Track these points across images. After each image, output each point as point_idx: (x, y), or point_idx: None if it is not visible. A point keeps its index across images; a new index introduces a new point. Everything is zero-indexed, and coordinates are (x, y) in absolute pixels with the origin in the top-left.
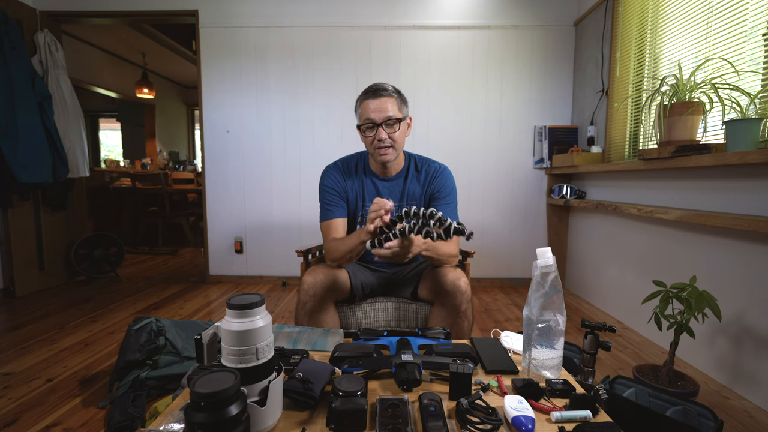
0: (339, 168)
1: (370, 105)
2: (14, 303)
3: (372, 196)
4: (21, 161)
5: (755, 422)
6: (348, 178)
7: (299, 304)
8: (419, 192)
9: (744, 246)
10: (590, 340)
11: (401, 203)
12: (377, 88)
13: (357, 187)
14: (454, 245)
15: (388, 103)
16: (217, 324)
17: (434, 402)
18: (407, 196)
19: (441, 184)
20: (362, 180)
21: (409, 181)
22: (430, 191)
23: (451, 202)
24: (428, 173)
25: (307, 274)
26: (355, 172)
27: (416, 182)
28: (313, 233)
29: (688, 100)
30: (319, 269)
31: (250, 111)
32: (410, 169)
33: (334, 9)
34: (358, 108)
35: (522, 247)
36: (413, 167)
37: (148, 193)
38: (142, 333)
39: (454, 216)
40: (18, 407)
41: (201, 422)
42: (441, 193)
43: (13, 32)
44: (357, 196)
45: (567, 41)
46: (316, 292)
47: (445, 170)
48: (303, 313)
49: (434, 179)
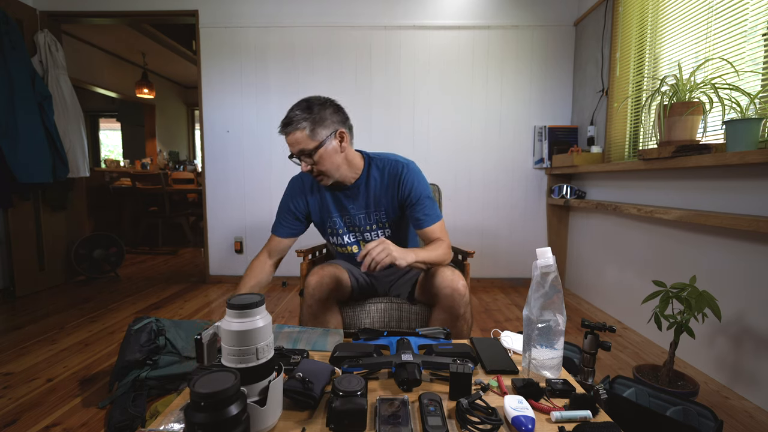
0: (299, 185)
1: (286, 140)
2: (14, 303)
3: (337, 208)
4: (21, 161)
5: (755, 422)
6: (309, 195)
7: (304, 306)
8: (385, 196)
9: (744, 246)
10: (590, 340)
11: (367, 211)
12: (285, 121)
13: (319, 202)
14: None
15: (296, 136)
16: (217, 324)
17: (434, 402)
18: (373, 203)
19: (410, 186)
20: (323, 194)
21: (371, 188)
22: (400, 197)
23: (427, 203)
24: (392, 175)
25: (311, 276)
26: (315, 187)
27: (380, 186)
28: (312, 233)
29: (688, 100)
30: (323, 271)
31: (250, 111)
32: (370, 173)
33: (334, 9)
34: None
35: (522, 247)
36: (374, 171)
37: (148, 193)
38: (142, 333)
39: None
40: (18, 407)
41: (201, 422)
42: (412, 197)
43: (13, 32)
44: (321, 209)
45: (567, 41)
46: (321, 294)
47: (409, 167)
48: (309, 314)
49: (401, 182)
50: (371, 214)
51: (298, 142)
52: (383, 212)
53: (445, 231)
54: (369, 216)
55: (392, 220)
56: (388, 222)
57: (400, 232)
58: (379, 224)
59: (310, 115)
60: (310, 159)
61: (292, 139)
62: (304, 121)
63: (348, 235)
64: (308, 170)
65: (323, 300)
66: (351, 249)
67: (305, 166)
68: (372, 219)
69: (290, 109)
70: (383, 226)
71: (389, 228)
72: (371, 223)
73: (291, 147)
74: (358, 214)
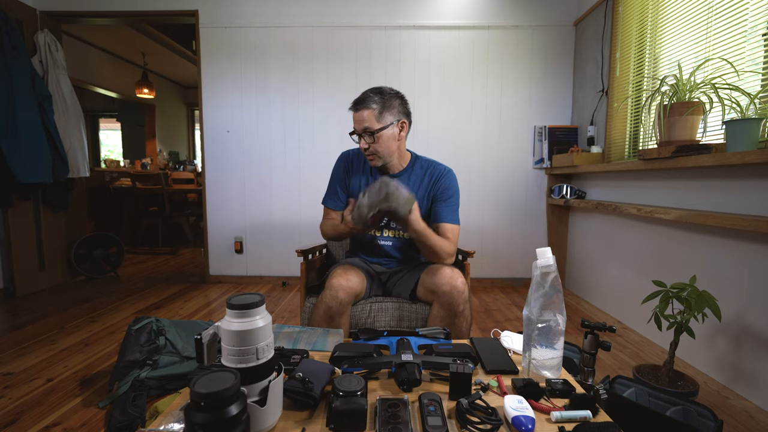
0: (348, 161)
1: (354, 116)
2: (14, 303)
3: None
4: (21, 161)
5: (755, 422)
6: (353, 175)
7: (321, 306)
8: (421, 192)
9: (744, 246)
10: (590, 340)
11: None
12: (358, 99)
13: (362, 183)
14: (449, 243)
15: (364, 114)
16: (217, 324)
17: (434, 402)
18: None
19: (446, 185)
20: (367, 176)
21: (411, 181)
22: (434, 191)
23: (452, 204)
24: (433, 174)
25: (334, 277)
26: (362, 168)
27: (419, 182)
28: (313, 233)
29: (688, 100)
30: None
31: (250, 111)
32: (414, 168)
33: (334, 9)
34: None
35: (522, 247)
36: (418, 168)
37: (148, 193)
38: (142, 333)
39: (455, 216)
40: (18, 407)
41: (201, 422)
42: (444, 194)
43: (14, 32)
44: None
45: (567, 41)
46: (344, 297)
47: (450, 172)
48: (326, 315)
49: (439, 180)
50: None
51: (365, 119)
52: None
53: (457, 237)
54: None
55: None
56: None
57: None
58: None
59: (382, 99)
60: (370, 138)
61: (360, 117)
62: (375, 103)
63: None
64: (365, 147)
65: (344, 302)
66: (375, 233)
67: (363, 144)
68: None
69: (364, 92)
70: None
71: None
72: None
73: (356, 124)
74: None
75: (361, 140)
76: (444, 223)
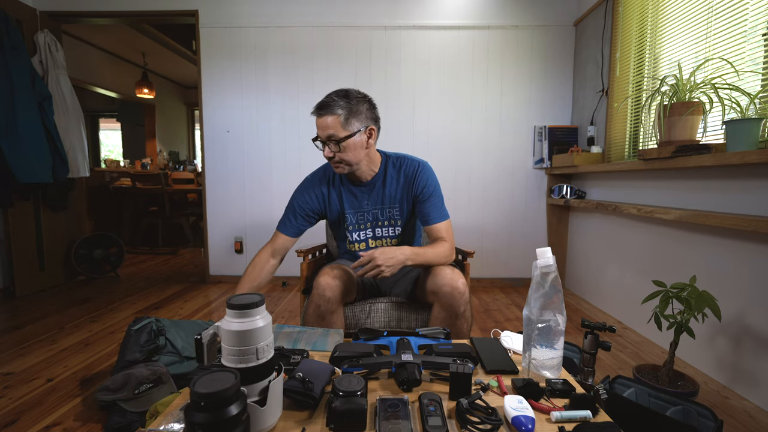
0: (316, 181)
1: (317, 122)
2: (14, 303)
3: (351, 204)
4: (21, 161)
5: (755, 422)
6: (325, 187)
7: (311, 305)
8: (400, 194)
9: (744, 246)
10: (590, 340)
11: (381, 207)
12: (321, 103)
13: (336, 197)
14: (446, 243)
15: (328, 120)
16: (217, 324)
17: (434, 402)
18: (387, 199)
19: (423, 182)
20: (339, 189)
21: (387, 185)
22: (413, 192)
23: (436, 200)
24: (407, 173)
25: (321, 276)
26: (332, 182)
27: (395, 184)
28: (313, 233)
29: (688, 100)
30: (333, 271)
31: (250, 111)
32: (387, 171)
33: (334, 9)
34: None
35: (522, 247)
36: (390, 168)
37: (148, 193)
38: (142, 333)
39: (442, 212)
40: (18, 407)
41: (201, 422)
42: (425, 193)
43: (14, 32)
44: (337, 204)
45: (567, 41)
46: (331, 295)
47: (425, 166)
48: (316, 314)
49: (415, 179)
50: (385, 210)
51: (329, 126)
52: (396, 209)
53: (451, 231)
54: (383, 212)
55: (404, 218)
56: (400, 219)
57: (410, 230)
58: (391, 221)
59: (348, 104)
60: (336, 146)
61: (323, 123)
62: (340, 108)
63: (358, 232)
64: (329, 156)
65: (332, 300)
66: (359, 246)
67: (328, 152)
68: (385, 215)
69: (328, 95)
70: (395, 223)
71: (400, 226)
72: (383, 219)
73: (320, 130)
74: (372, 210)
75: (325, 148)
76: (434, 224)
